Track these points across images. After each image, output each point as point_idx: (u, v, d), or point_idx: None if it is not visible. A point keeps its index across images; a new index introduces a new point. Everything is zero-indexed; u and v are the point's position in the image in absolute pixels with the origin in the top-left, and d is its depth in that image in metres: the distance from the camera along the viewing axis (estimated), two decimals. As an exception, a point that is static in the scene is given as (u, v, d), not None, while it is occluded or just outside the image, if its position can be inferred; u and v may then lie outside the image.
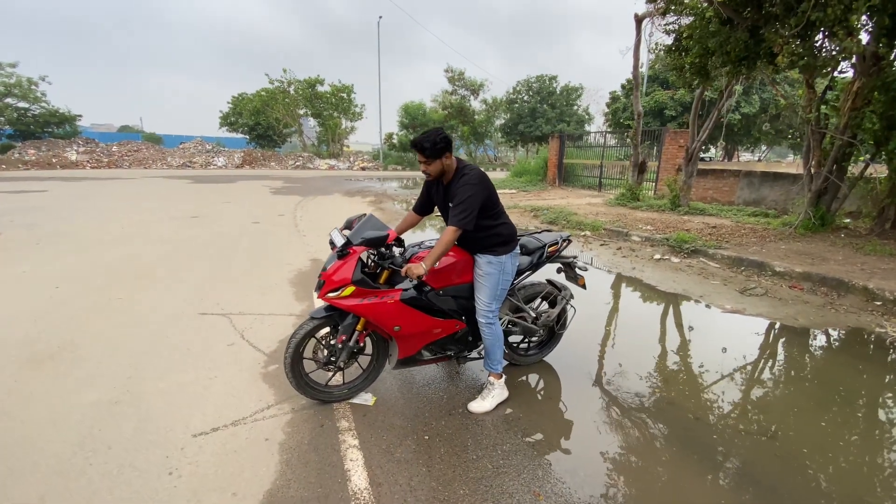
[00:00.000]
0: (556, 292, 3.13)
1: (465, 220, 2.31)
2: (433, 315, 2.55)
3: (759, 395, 2.94)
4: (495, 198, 2.51)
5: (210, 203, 11.40)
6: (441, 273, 2.56)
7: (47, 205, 10.37)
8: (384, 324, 2.42)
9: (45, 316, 3.76)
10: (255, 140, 38.21)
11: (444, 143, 2.34)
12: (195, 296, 4.33)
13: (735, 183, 11.06)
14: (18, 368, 2.89)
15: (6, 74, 27.65)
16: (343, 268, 2.34)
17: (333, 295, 2.33)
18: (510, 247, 2.57)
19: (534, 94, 35.21)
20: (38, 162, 24.71)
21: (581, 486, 2.02)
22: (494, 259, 2.52)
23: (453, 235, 2.30)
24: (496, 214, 2.52)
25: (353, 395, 2.66)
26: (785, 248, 6.31)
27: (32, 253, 5.83)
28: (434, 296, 2.55)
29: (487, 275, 2.52)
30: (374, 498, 1.92)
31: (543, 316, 3.04)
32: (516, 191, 15.61)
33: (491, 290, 2.53)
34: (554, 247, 3.00)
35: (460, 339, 2.76)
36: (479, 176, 2.39)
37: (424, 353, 2.68)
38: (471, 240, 2.55)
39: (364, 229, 2.44)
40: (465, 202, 2.30)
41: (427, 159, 2.37)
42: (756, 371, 3.24)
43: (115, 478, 1.98)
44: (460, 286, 2.64)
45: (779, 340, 3.84)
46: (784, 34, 4.77)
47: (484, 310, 2.54)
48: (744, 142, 31.21)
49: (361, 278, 2.34)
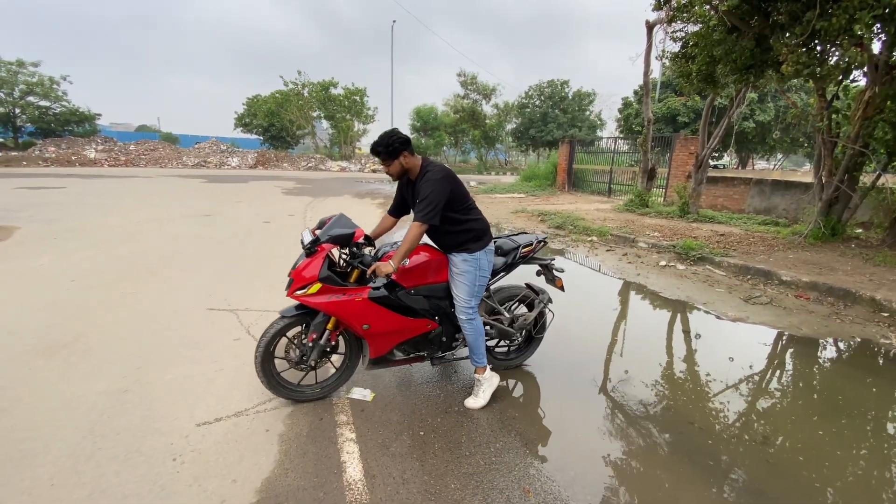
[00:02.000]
0: (534, 296, 3.09)
1: (430, 215, 2.33)
2: (404, 314, 2.55)
3: (756, 403, 2.95)
4: (463, 193, 2.53)
5: (223, 202, 11.61)
6: (413, 272, 2.58)
7: (66, 201, 10.65)
8: (352, 322, 2.43)
9: (60, 308, 3.89)
10: (269, 141, 38.74)
11: (398, 143, 2.37)
12: (204, 291, 4.45)
13: (746, 191, 10.98)
14: (34, 357, 3.01)
15: (29, 73, 28.42)
16: (310, 265, 2.36)
17: (301, 292, 2.34)
18: (483, 242, 2.58)
19: (546, 98, 35.24)
20: (58, 159, 25.34)
21: (570, 485, 2.06)
22: (469, 256, 2.54)
23: (418, 230, 2.34)
24: (466, 210, 2.54)
25: (326, 394, 2.65)
26: (793, 258, 6.27)
27: (50, 247, 6.02)
28: (405, 295, 2.55)
29: (464, 272, 2.54)
30: (367, 489, 1.98)
31: (520, 319, 3.02)
32: (525, 195, 15.63)
33: (468, 286, 2.55)
34: (528, 248, 2.98)
35: (434, 340, 2.75)
36: (442, 171, 2.42)
37: (396, 352, 2.68)
38: (443, 237, 2.58)
39: (333, 227, 2.44)
40: (429, 197, 2.33)
41: (385, 161, 2.42)
42: (755, 380, 3.25)
43: (122, 462, 2.07)
44: (433, 286, 2.64)
45: (781, 350, 3.83)
46: (790, 43, 4.77)
47: (463, 306, 2.57)
48: (758, 150, 30.85)
49: (328, 275, 2.35)
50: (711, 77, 6.41)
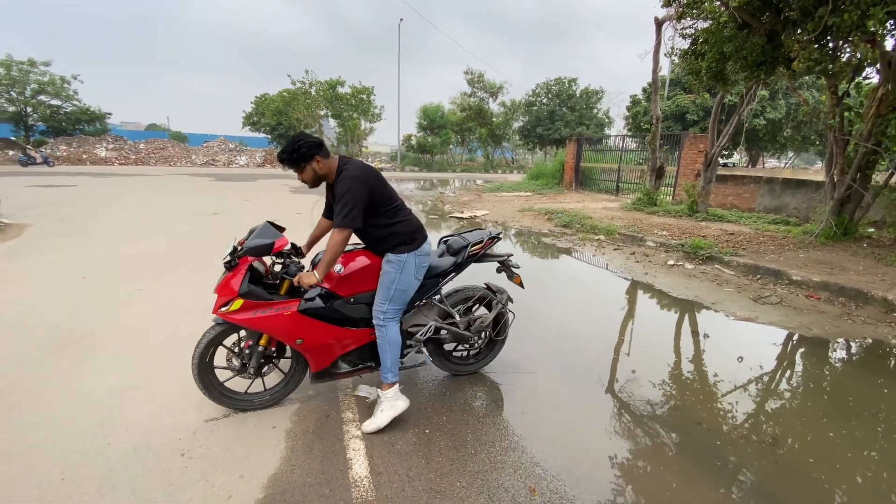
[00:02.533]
0: (492, 297, 2.90)
1: (348, 218, 2.15)
2: (342, 325, 2.41)
3: (765, 404, 2.92)
4: (387, 192, 2.35)
5: (231, 200, 11.69)
6: (350, 279, 2.42)
7: (77, 199, 10.79)
8: (283, 337, 2.29)
9: (72, 304, 3.95)
10: (277, 140, 38.93)
11: (305, 148, 2.19)
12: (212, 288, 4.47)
13: (756, 189, 10.85)
14: (45, 353, 3.06)
15: (40, 73, 28.75)
16: (232, 280, 2.22)
17: (224, 309, 2.22)
18: (413, 245, 2.40)
19: (553, 96, 35.05)
20: (69, 158, 25.68)
21: (576, 485, 2.06)
22: (394, 257, 2.36)
23: (339, 236, 2.16)
24: (392, 211, 2.36)
25: (275, 401, 2.54)
26: (804, 257, 6.19)
27: (62, 244, 6.10)
28: (342, 304, 2.40)
29: (384, 273, 2.38)
30: (373, 486, 1.98)
31: (477, 322, 2.84)
32: (532, 193, 15.59)
33: (384, 289, 2.36)
34: (479, 245, 2.78)
35: None
36: (358, 169, 2.23)
37: (341, 364, 2.53)
38: (369, 241, 2.45)
39: (252, 238, 2.29)
40: (344, 198, 2.15)
41: (295, 169, 2.26)
42: (764, 380, 3.21)
43: (132, 457, 2.10)
44: (373, 293, 2.48)
45: (791, 350, 3.79)
46: (801, 39, 4.70)
47: (376, 310, 2.38)
48: (769, 148, 30.47)
49: (250, 290, 2.22)
50: (721, 74, 6.34)
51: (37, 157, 23.24)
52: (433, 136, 38.42)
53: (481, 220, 9.98)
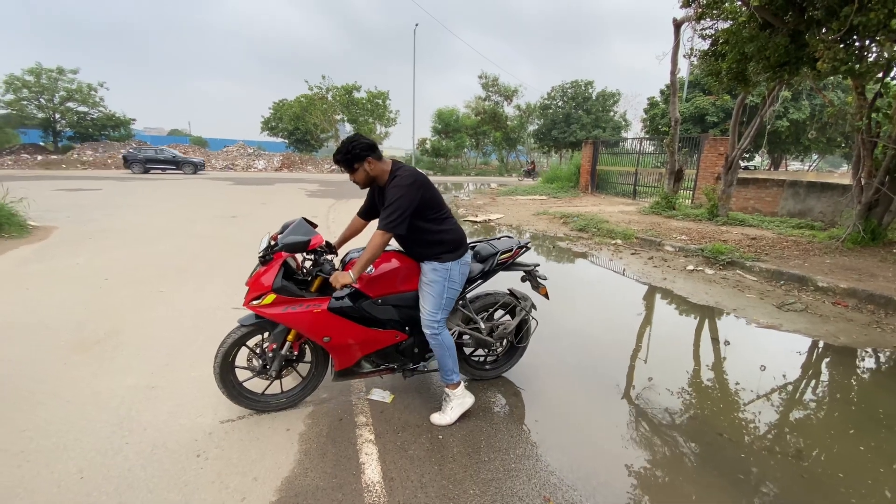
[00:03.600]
0: (516, 303, 2.90)
1: (393, 223, 2.17)
2: (369, 325, 2.42)
3: (790, 415, 2.82)
4: (437, 200, 2.36)
5: (249, 204, 11.88)
6: (379, 280, 2.43)
7: (101, 202, 11.09)
8: (312, 334, 2.32)
9: (94, 305, 4.04)
10: (294, 144, 39.55)
11: (359, 149, 2.23)
12: (230, 291, 4.54)
13: (779, 193, 10.58)
14: (68, 352, 3.13)
15: (68, 80, 29.77)
16: (266, 274, 2.25)
17: (256, 303, 2.24)
18: (457, 253, 2.42)
19: (568, 99, 34.86)
20: (95, 162, 26.45)
21: (593, 495, 2.01)
22: (440, 266, 2.38)
23: (381, 239, 2.18)
24: (439, 219, 2.38)
25: (293, 404, 2.56)
26: (830, 263, 6.00)
27: (86, 247, 6.27)
28: (370, 305, 2.42)
29: (432, 283, 2.38)
30: (385, 491, 1.97)
31: (500, 328, 2.84)
32: (547, 197, 15.48)
33: (435, 299, 2.38)
34: (507, 254, 2.79)
35: (405, 351, 2.61)
36: (411, 176, 2.24)
37: (364, 364, 2.55)
38: (414, 246, 2.44)
39: (288, 234, 2.30)
40: (394, 204, 2.17)
41: (348, 169, 2.29)
42: (788, 390, 3.11)
43: (149, 456, 2.13)
44: (403, 295, 2.49)
45: (816, 359, 3.66)
46: (826, 39, 4.56)
47: (428, 320, 2.39)
48: (792, 150, 29.74)
49: (283, 285, 2.24)
50: (743, 75, 6.20)
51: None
52: (448, 139, 38.51)
53: (495, 224, 9.93)
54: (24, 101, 28.77)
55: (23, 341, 3.26)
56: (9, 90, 27.89)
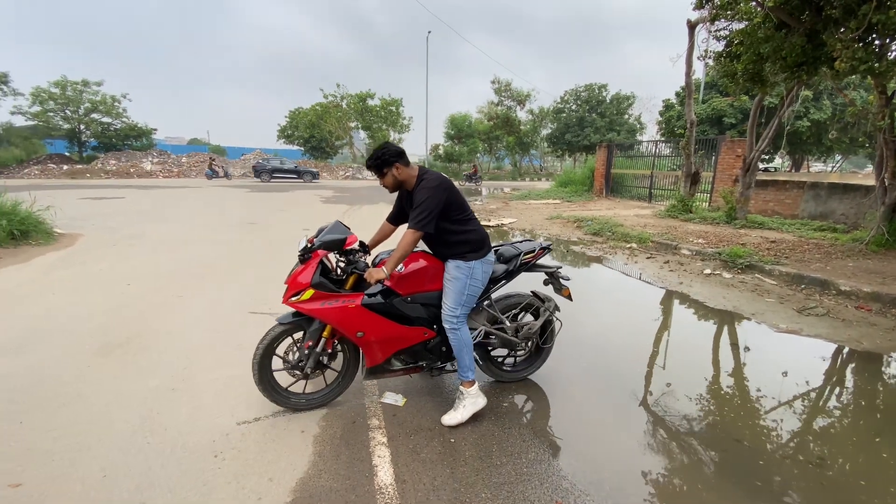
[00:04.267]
0: (540, 304, 2.95)
1: (423, 223, 2.31)
2: (399, 322, 2.51)
3: (811, 421, 2.76)
4: (461, 202, 2.50)
5: (266, 211, 12.10)
6: (408, 279, 2.53)
7: (124, 210, 11.41)
8: (346, 329, 2.41)
9: (117, 310, 4.16)
10: (310, 152, 40.10)
11: (388, 156, 2.38)
12: (247, 295, 4.64)
13: (799, 195, 10.34)
14: (92, 356, 3.23)
15: (92, 92, 30.76)
16: (304, 272, 2.37)
17: (295, 299, 2.35)
18: (481, 253, 2.53)
19: (582, 102, 34.69)
20: (118, 171, 27.23)
21: (605, 500, 2.00)
22: (463, 264, 2.49)
23: (412, 237, 2.32)
24: (463, 220, 2.50)
25: (325, 402, 2.64)
26: (853, 266, 5.84)
27: (109, 253, 6.46)
28: (400, 302, 2.52)
29: (454, 279, 2.49)
30: (398, 493, 1.99)
31: (525, 328, 2.89)
32: (560, 201, 15.40)
33: (456, 294, 2.48)
34: (530, 255, 2.87)
35: (433, 350, 2.68)
36: (437, 179, 2.40)
37: (394, 362, 2.62)
38: (439, 246, 2.56)
39: (326, 234, 2.44)
40: (422, 205, 2.31)
41: (378, 174, 2.44)
42: (809, 396, 3.04)
43: (168, 457, 2.18)
44: (430, 293, 2.59)
45: (838, 364, 3.57)
46: (844, 38, 4.46)
47: (448, 315, 2.49)
48: (813, 151, 29.05)
49: (321, 282, 2.36)
50: (759, 76, 6.10)
51: (219, 171, 26.86)
52: (460, 145, 38.62)
53: (508, 228, 9.92)
54: (51, 112, 29.81)
55: (49, 345, 3.38)
56: (35, 102, 28.94)
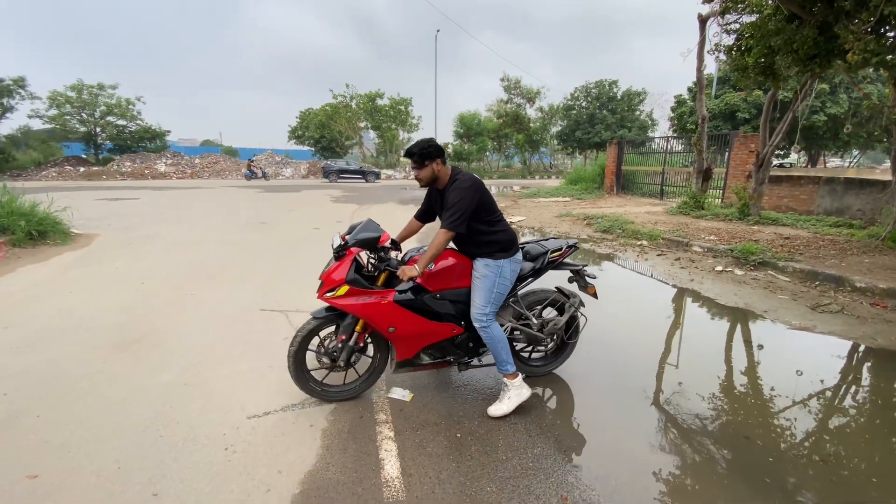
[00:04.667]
0: (564, 300, 2.99)
1: (456, 223, 2.36)
2: (429, 318, 2.57)
3: (824, 419, 2.72)
4: (492, 204, 2.55)
5: (277, 210, 12.22)
6: (437, 276, 2.59)
7: (139, 211, 11.62)
8: (378, 324, 2.48)
9: (132, 308, 4.25)
10: (320, 152, 40.37)
11: (432, 149, 2.44)
12: (258, 293, 4.70)
13: (814, 190, 10.15)
14: (108, 351, 3.31)
15: (108, 95, 31.28)
16: (339, 268, 2.45)
17: (330, 294, 2.43)
18: (509, 253, 2.58)
19: (592, 99, 34.41)
20: (133, 173, 27.69)
21: (611, 495, 2.00)
22: (492, 262, 2.54)
23: (444, 237, 2.37)
24: (493, 221, 2.55)
25: (355, 395, 2.71)
26: (869, 262, 5.73)
27: (125, 253, 6.59)
28: (430, 299, 2.57)
29: (483, 277, 2.53)
30: (403, 486, 2.01)
31: (550, 324, 2.93)
32: (570, 198, 15.31)
33: (485, 292, 2.53)
34: (557, 253, 2.92)
35: (461, 345, 2.74)
36: (470, 180, 2.45)
37: (423, 356, 2.69)
38: (469, 246, 2.60)
39: (359, 232, 2.50)
40: (456, 205, 2.37)
41: (417, 165, 2.47)
42: (821, 393, 2.99)
43: (181, 449, 2.23)
44: (458, 290, 2.64)
45: (851, 361, 3.51)
46: (856, 30, 4.37)
47: (478, 313, 2.53)
48: (830, 146, 28.43)
49: (355, 278, 2.44)
50: (770, 69, 5.99)
51: (258, 172, 27.77)
52: (470, 143, 38.57)
53: (518, 227, 9.90)
54: (67, 115, 30.38)
55: (66, 341, 3.46)
56: (52, 106, 29.53)
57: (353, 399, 2.72)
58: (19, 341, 3.44)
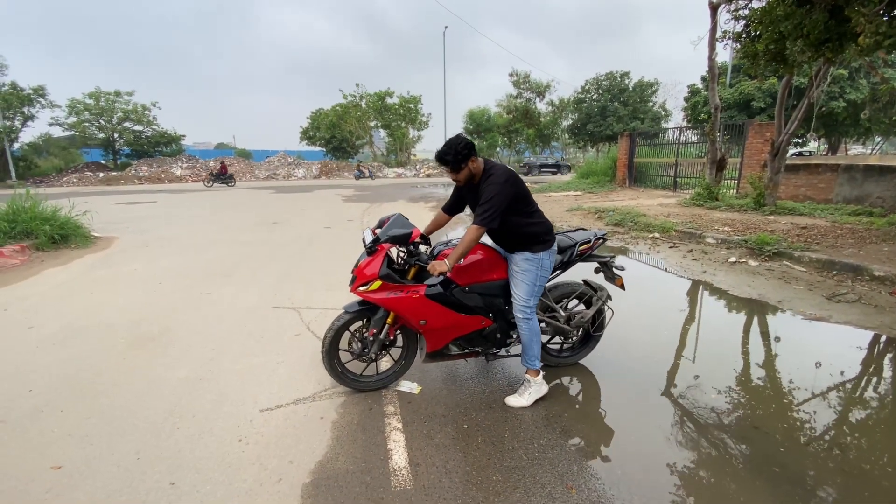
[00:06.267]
0: (592, 293, 3.00)
1: (489, 219, 2.34)
2: (458, 311, 2.61)
3: (840, 410, 2.68)
4: (527, 195, 2.53)
5: (289, 210, 12.38)
6: (467, 270, 2.62)
7: (156, 214, 11.88)
8: (410, 317, 2.52)
9: (150, 306, 4.37)
10: (331, 152, 40.67)
11: (465, 150, 2.39)
12: (270, 291, 4.79)
13: (832, 179, 9.91)
14: (127, 348, 3.42)
15: (125, 102, 31.95)
16: (371, 264, 2.49)
17: (363, 289, 2.48)
18: (547, 244, 2.58)
19: (604, 92, 33.96)
20: (150, 177, 28.27)
21: (616, 484, 2.01)
22: (532, 256, 2.54)
23: (476, 234, 2.35)
24: (530, 213, 2.55)
25: (385, 385, 2.79)
26: (888, 251, 5.59)
27: (142, 254, 6.76)
28: (459, 292, 2.61)
29: (525, 271, 2.55)
30: (411, 476, 2.05)
31: (577, 317, 2.95)
32: (582, 192, 15.18)
33: (529, 286, 2.55)
34: (586, 245, 2.92)
35: (488, 336, 2.78)
36: (504, 174, 2.42)
37: (452, 347, 2.73)
38: (507, 238, 2.61)
39: (391, 227, 2.53)
40: (490, 201, 2.34)
41: (453, 170, 2.43)
42: (837, 384, 2.95)
43: (196, 441, 2.31)
44: (488, 283, 2.67)
45: (869, 351, 3.45)
46: (868, 12, 4.25)
47: (521, 305, 2.56)
48: (851, 133, 27.64)
49: (388, 273, 2.48)
50: (781, 55, 5.85)
51: (366, 172, 29.56)
52: (480, 139, 38.45)
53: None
54: (86, 122, 31.13)
55: (87, 339, 3.59)
56: (72, 113, 30.28)
57: (384, 388, 2.79)
58: (43, 340, 3.57)
